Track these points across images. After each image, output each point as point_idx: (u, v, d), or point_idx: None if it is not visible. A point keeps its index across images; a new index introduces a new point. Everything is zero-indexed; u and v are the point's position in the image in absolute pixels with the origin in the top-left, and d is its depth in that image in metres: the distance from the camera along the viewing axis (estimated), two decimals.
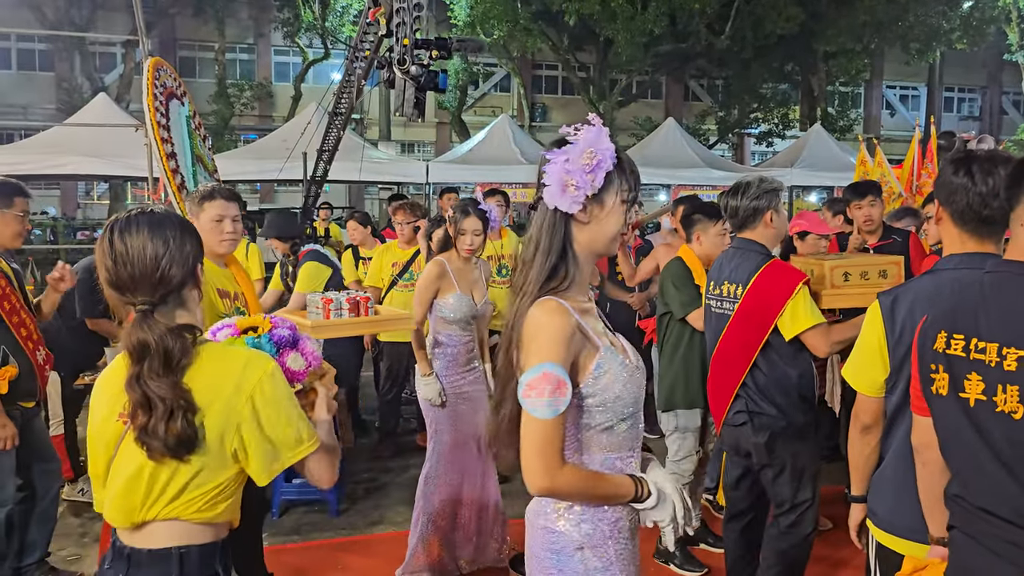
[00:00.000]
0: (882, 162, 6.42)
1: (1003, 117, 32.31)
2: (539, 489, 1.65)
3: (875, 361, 2.16)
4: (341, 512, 4.71)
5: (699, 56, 22.43)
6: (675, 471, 3.98)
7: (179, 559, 1.72)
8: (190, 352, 1.66)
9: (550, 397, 1.59)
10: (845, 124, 24.64)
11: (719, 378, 3.28)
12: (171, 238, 1.71)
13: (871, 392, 2.20)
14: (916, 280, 2.18)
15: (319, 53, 24.93)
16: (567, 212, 1.67)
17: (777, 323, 3.05)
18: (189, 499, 1.69)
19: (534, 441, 1.62)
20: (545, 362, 1.60)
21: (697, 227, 3.93)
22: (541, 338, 1.62)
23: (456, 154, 16.18)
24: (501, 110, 24.89)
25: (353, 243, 6.54)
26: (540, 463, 1.62)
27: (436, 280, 3.76)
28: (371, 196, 26.31)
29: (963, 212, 2.02)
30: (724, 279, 3.24)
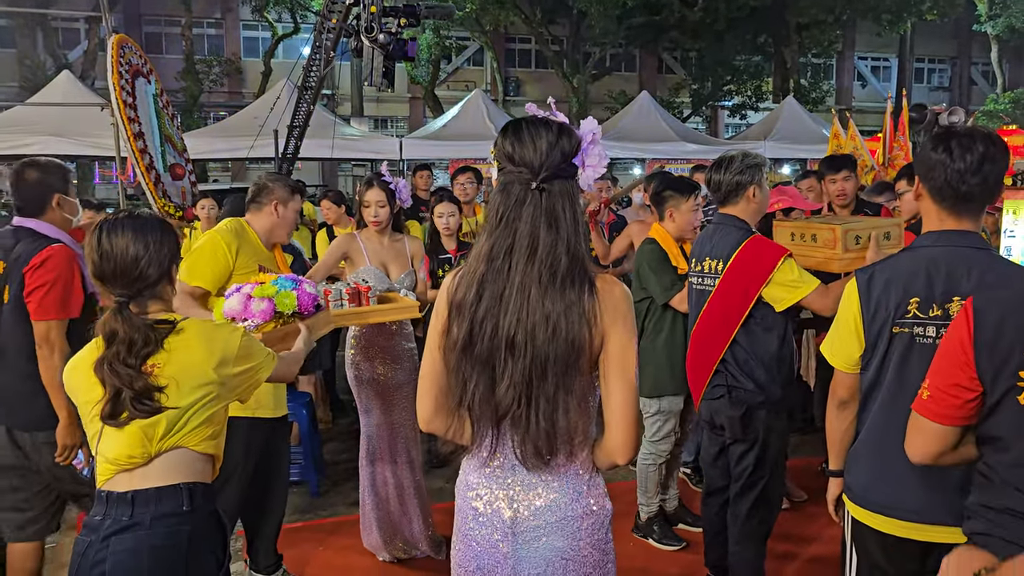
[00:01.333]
0: (855, 135, 6.45)
1: (972, 87, 32.56)
2: (631, 458, 1.70)
3: (851, 337, 2.17)
4: (322, 493, 4.71)
5: (672, 28, 22.34)
6: (652, 451, 4.01)
7: (188, 492, 1.98)
8: (156, 343, 1.95)
9: (637, 368, 1.67)
10: (818, 96, 24.70)
11: (699, 353, 3.29)
12: (151, 242, 1.99)
13: (847, 368, 2.22)
14: (893, 257, 2.19)
15: (289, 27, 24.48)
16: None
17: (765, 296, 3.06)
18: (201, 430, 2.01)
19: (637, 412, 1.68)
20: (636, 335, 1.67)
21: (669, 204, 3.90)
22: (632, 312, 1.69)
23: (429, 130, 16.02)
24: (474, 84, 24.66)
25: (327, 222, 6.47)
26: (638, 432, 1.69)
27: (338, 248, 3.85)
28: (344, 173, 26.05)
29: (941, 188, 2.02)
30: (706, 255, 3.25)
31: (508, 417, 1.68)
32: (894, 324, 2.08)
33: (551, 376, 1.63)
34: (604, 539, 1.76)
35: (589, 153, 1.69)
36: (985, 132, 2.03)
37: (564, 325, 1.62)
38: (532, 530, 1.72)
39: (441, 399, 1.77)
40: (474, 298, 1.69)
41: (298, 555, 3.96)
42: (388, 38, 6.33)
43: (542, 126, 1.68)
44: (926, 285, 2.04)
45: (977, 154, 1.96)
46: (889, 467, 2.10)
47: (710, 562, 3.56)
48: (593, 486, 1.75)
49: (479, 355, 1.68)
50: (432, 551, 3.93)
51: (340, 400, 6.36)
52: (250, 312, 2.72)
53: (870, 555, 2.19)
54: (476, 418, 1.72)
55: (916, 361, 2.05)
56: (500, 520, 1.75)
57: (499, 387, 1.67)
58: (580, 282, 1.64)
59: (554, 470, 1.71)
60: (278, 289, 2.76)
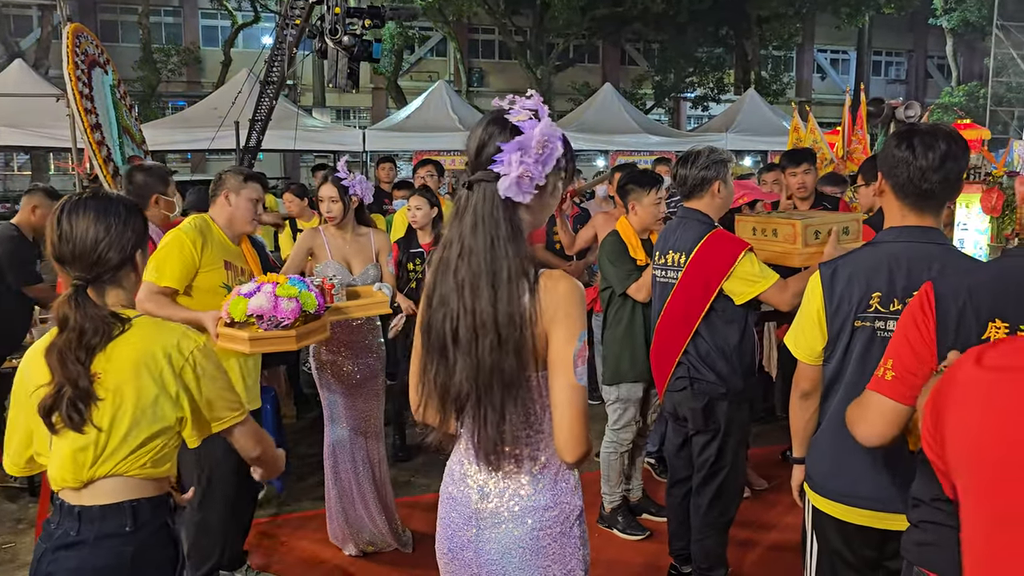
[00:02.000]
0: (814, 128, 6.54)
1: (928, 80, 33.20)
2: (581, 456, 1.66)
3: (814, 330, 2.21)
4: (286, 488, 4.68)
5: (635, 20, 22.41)
6: (614, 440, 4.05)
7: (131, 511, 1.86)
8: (105, 336, 1.82)
9: (584, 364, 1.64)
10: (778, 88, 25.00)
11: (663, 345, 3.33)
12: (113, 224, 1.87)
13: (810, 360, 2.26)
14: (856, 252, 2.23)
15: (249, 16, 24.15)
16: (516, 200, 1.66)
17: (726, 290, 3.10)
18: (136, 457, 1.85)
19: (583, 408, 1.64)
20: (583, 330, 1.64)
21: (631, 196, 3.95)
22: (579, 308, 1.65)
23: (393, 121, 15.93)
24: (438, 75, 24.55)
25: (290, 215, 6.42)
26: (584, 430, 1.64)
27: (304, 244, 3.83)
28: (307, 164, 25.79)
29: (904, 185, 2.06)
30: (669, 248, 3.29)
31: (467, 409, 1.69)
32: (856, 318, 2.12)
33: (495, 383, 1.63)
34: (567, 533, 1.75)
35: (511, 160, 1.61)
36: (947, 130, 2.08)
37: (503, 327, 1.61)
38: (494, 516, 1.74)
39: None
40: (430, 289, 1.73)
41: (263, 551, 3.94)
42: (353, 40, 6.27)
43: (485, 124, 1.67)
44: (888, 280, 2.08)
45: (939, 152, 2.00)
46: (848, 457, 2.15)
47: (674, 551, 3.62)
48: (560, 480, 1.75)
49: (434, 344, 1.71)
50: (398, 545, 3.93)
51: (304, 394, 6.32)
52: (281, 311, 2.76)
53: (829, 542, 2.23)
54: (441, 406, 1.74)
55: (877, 354, 2.08)
56: (468, 506, 1.77)
57: (452, 378, 1.69)
58: (516, 282, 1.62)
59: (522, 463, 1.73)
60: (299, 289, 2.82)
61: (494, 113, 1.69)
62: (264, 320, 2.78)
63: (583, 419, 1.64)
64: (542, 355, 1.65)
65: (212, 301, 3.06)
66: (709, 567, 3.38)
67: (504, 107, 1.69)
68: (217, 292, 3.15)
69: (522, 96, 1.69)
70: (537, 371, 1.67)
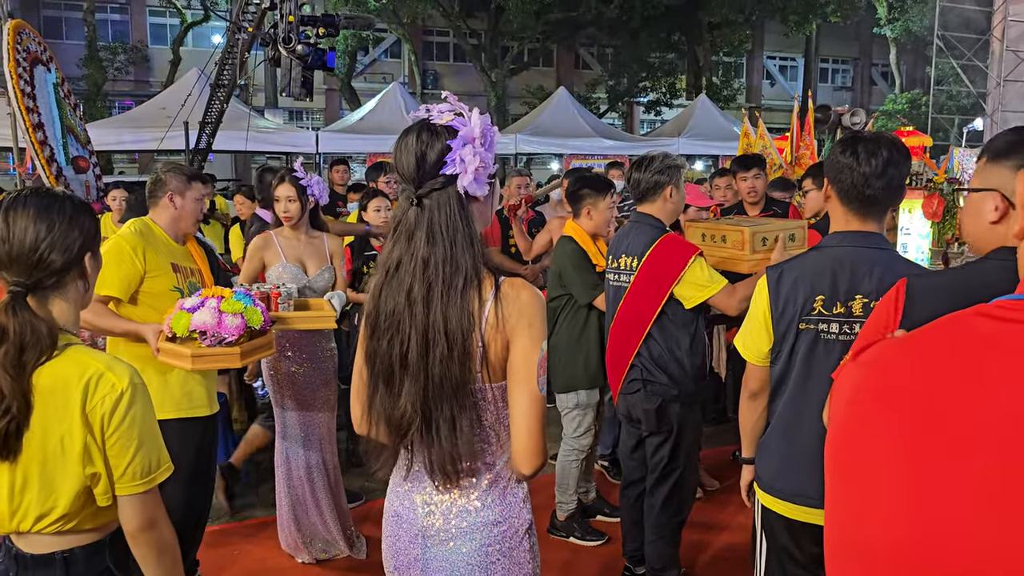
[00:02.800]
0: (764, 134, 6.67)
1: (873, 87, 34.03)
2: (538, 467, 1.64)
3: (761, 332, 2.26)
4: (236, 495, 4.61)
5: (589, 25, 22.60)
6: (575, 447, 4.05)
7: (63, 563, 1.68)
8: (46, 352, 1.61)
9: (545, 374, 1.63)
10: (729, 94, 25.40)
11: (616, 348, 3.36)
12: (57, 223, 1.67)
13: (757, 361, 2.31)
14: (802, 256, 2.28)
15: (198, 15, 23.75)
16: (473, 195, 1.64)
17: (676, 294, 3.14)
18: (51, 517, 1.63)
19: (542, 419, 1.63)
20: (545, 340, 1.62)
21: (586, 202, 3.92)
22: (541, 317, 1.63)
23: (347, 123, 15.83)
24: (392, 77, 24.46)
25: (241, 217, 6.33)
26: (543, 441, 1.63)
27: (258, 251, 3.75)
28: (258, 166, 25.45)
29: (848, 191, 2.12)
30: (622, 252, 3.32)
31: (413, 432, 1.66)
32: (800, 320, 2.17)
33: (447, 397, 1.60)
34: (517, 547, 1.73)
35: (463, 156, 1.59)
36: (890, 138, 2.15)
37: (458, 339, 1.58)
38: (441, 534, 1.71)
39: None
40: (373, 310, 1.68)
41: (215, 559, 3.87)
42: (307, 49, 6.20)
43: (416, 136, 1.62)
44: (831, 284, 2.14)
45: (882, 159, 2.07)
46: (795, 456, 2.20)
47: (628, 551, 3.65)
48: (509, 493, 1.72)
49: (380, 371, 1.67)
50: (352, 551, 3.89)
51: (255, 399, 6.22)
52: (225, 327, 2.67)
53: (778, 540, 2.28)
54: (387, 433, 1.70)
55: (821, 356, 2.15)
56: (414, 523, 1.74)
57: (397, 404, 1.65)
58: (475, 289, 1.60)
59: (471, 477, 1.70)
60: (245, 304, 2.73)
61: (418, 124, 1.65)
62: (208, 336, 2.69)
63: (542, 430, 1.63)
64: (500, 365, 1.63)
65: (164, 306, 2.97)
66: (662, 567, 3.41)
67: (422, 116, 1.66)
68: (168, 296, 3.06)
69: (436, 103, 1.68)
70: (492, 382, 1.64)
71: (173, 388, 3.09)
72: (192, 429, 3.17)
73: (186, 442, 3.13)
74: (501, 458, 1.70)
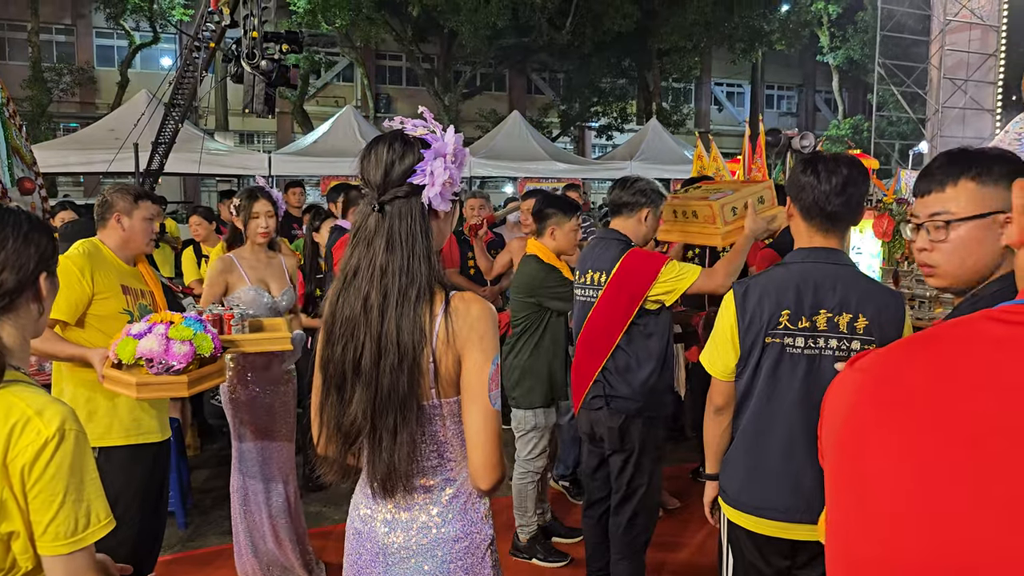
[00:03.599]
0: (717, 156, 6.79)
1: (816, 114, 34.96)
2: (495, 482, 1.62)
3: (727, 346, 2.29)
4: (189, 524, 4.49)
5: (541, 50, 22.85)
6: (530, 469, 4.03)
7: None
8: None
9: (498, 388, 1.61)
10: (679, 119, 25.86)
11: (582, 362, 3.37)
12: (10, 239, 1.55)
13: (723, 376, 2.33)
14: (767, 272, 2.33)
15: (147, 37, 23.42)
16: (436, 209, 1.64)
17: (653, 296, 3.15)
18: None
19: (496, 434, 1.61)
20: (496, 354, 1.61)
21: (551, 221, 3.92)
22: (492, 331, 1.62)
23: (299, 145, 15.72)
24: (345, 100, 24.38)
25: (196, 239, 6.22)
26: (499, 455, 1.61)
27: (221, 275, 3.63)
28: (208, 189, 25.08)
29: (809, 208, 2.18)
30: (588, 268, 3.34)
31: (361, 441, 1.64)
32: (767, 335, 2.20)
33: (393, 408, 1.59)
34: (479, 564, 1.71)
35: (433, 169, 1.61)
36: (848, 158, 2.22)
37: (409, 351, 1.58)
38: (402, 551, 1.69)
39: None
40: (329, 316, 1.67)
41: None
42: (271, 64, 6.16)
43: (388, 144, 1.63)
44: (796, 298, 2.18)
45: (841, 177, 2.13)
46: (760, 470, 2.22)
47: (592, 571, 3.63)
48: (470, 509, 1.70)
49: (333, 378, 1.66)
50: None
51: (209, 425, 6.08)
52: (172, 355, 2.57)
53: (744, 554, 2.30)
54: (336, 441, 1.68)
55: (786, 370, 2.19)
56: (375, 541, 1.72)
57: (347, 412, 1.63)
58: (427, 303, 1.60)
59: (431, 493, 1.68)
60: (194, 331, 2.63)
61: (392, 133, 1.67)
62: (154, 364, 2.58)
63: (498, 444, 1.62)
64: (453, 380, 1.62)
65: (113, 329, 2.89)
66: None
67: (396, 127, 1.68)
68: (117, 319, 2.98)
69: (412, 118, 1.69)
70: (445, 397, 1.63)
71: (122, 414, 2.99)
72: (142, 456, 3.07)
73: (136, 470, 3.05)
74: (461, 474, 1.69)
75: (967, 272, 1.66)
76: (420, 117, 1.69)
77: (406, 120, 1.68)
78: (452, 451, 1.67)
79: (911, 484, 0.74)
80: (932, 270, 1.70)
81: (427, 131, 1.66)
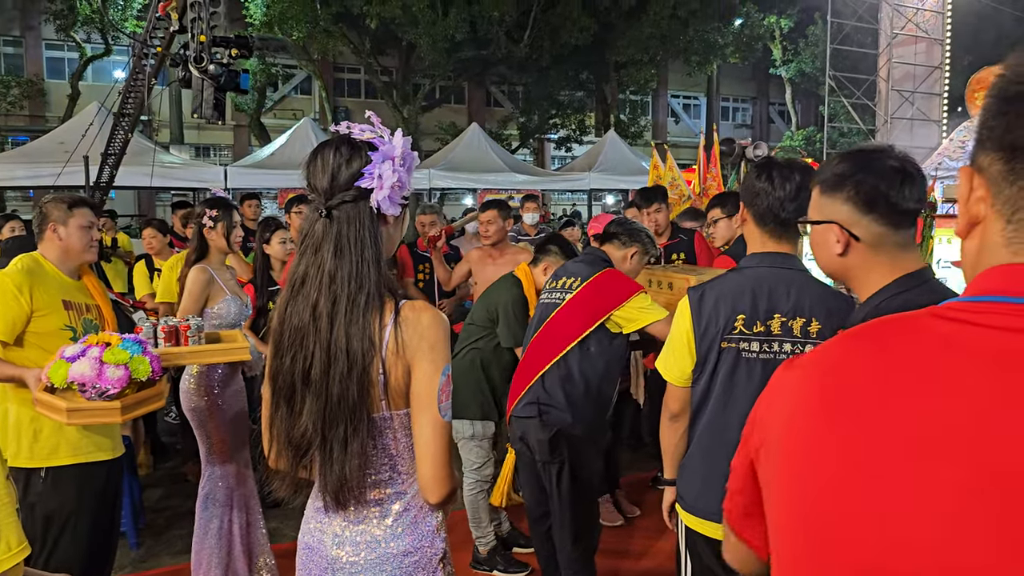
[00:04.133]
0: (672, 167, 6.87)
1: (771, 125, 35.56)
2: (446, 496, 1.60)
3: (684, 352, 2.30)
4: (141, 544, 4.38)
5: (500, 63, 22.90)
6: (478, 478, 4.01)
7: None
8: None
9: (449, 399, 1.59)
10: (636, 131, 26.10)
11: (526, 365, 3.35)
12: None
13: (679, 382, 2.33)
14: (722, 276, 2.34)
15: (99, 49, 22.96)
16: (384, 214, 1.62)
17: (616, 318, 3.15)
18: None
19: (446, 446, 1.59)
20: (447, 364, 1.58)
21: (549, 259, 3.93)
22: (443, 340, 1.60)
23: (256, 158, 15.54)
24: (303, 113, 24.17)
25: (149, 252, 6.10)
26: (449, 467, 1.59)
27: (206, 287, 3.59)
28: (163, 203, 24.64)
29: (763, 214, 2.20)
30: (563, 275, 3.36)
31: (312, 453, 1.61)
32: (722, 339, 2.22)
33: (343, 418, 1.56)
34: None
35: (381, 172, 1.58)
36: (802, 164, 2.25)
37: (358, 360, 1.55)
38: (350, 566, 1.65)
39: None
40: (278, 327, 1.64)
41: None
42: (219, 69, 6.08)
43: (334, 148, 1.62)
44: (751, 303, 2.19)
45: (795, 183, 2.15)
46: (716, 475, 2.22)
47: None
48: (422, 523, 1.67)
49: (282, 390, 1.63)
50: None
51: (162, 443, 5.97)
52: (105, 379, 2.48)
53: (702, 559, 2.30)
54: (287, 454, 1.65)
55: (742, 374, 2.20)
56: (324, 555, 1.69)
57: (297, 423, 1.60)
58: (377, 311, 1.57)
59: (381, 506, 1.65)
60: (131, 354, 2.54)
61: (338, 137, 1.65)
62: (87, 389, 2.49)
63: (447, 456, 1.60)
64: (403, 391, 1.59)
65: (55, 346, 2.78)
66: None
67: (343, 131, 1.66)
68: (59, 336, 2.88)
69: (356, 123, 1.67)
70: (395, 408, 1.61)
71: (69, 431, 2.90)
72: (93, 475, 2.98)
73: (86, 489, 2.96)
74: (412, 487, 1.66)
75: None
76: (368, 122, 1.67)
77: (352, 125, 1.65)
78: (404, 464, 1.65)
79: (867, 489, 0.71)
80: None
81: (374, 135, 1.64)
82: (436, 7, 18.62)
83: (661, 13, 21.19)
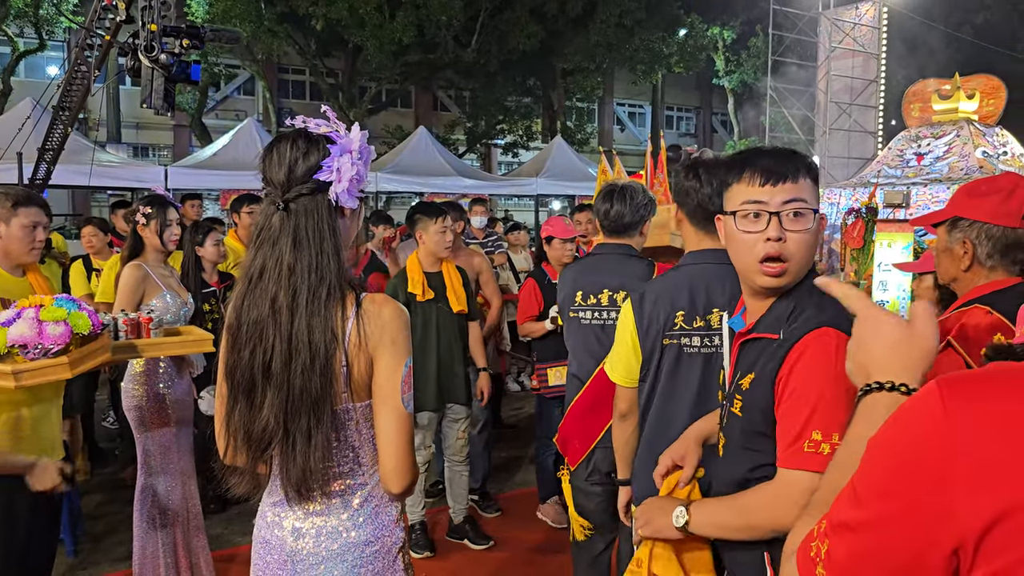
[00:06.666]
0: (621, 171, 6.93)
1: (714, 134, 36.24)
2: (407, 486, 1.62)
3: (629, 353, 2.33)
4: (78, 552, 4.25)
5: (447, 67, 22.90)
6: None
7: None
8: None
9: (410, 391, 1.60)
10: (582, 137, 26.33)
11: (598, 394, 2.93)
12: None
13: (625, 382, 2.38)
14: (661, 277, 2.40)
15: (32, 43, 22.26)
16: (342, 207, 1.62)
17: None
18: None
19: (408, 437, 1.60)
20: (409, 356, 1.60)
21: (418, 226, 4.13)
22: (404, 333, 1.61)
23: (198, 158, 15.22)
24: (245, 114, 23.79)
25: (89, 252, 5.92)
26: (411, 458, 1.61)
27: (140, 284, 3.52)
28: (99, 203, 23.97)
29: (694, 211, 2.26)
30: (603, 287, 3.10)
31: (274, 447, 1.61)
32: (664, 336, 2.26)
33: (306, 410, 1.56)
34: (390, 568, 1.70)
35: (340, 165, 1.59)
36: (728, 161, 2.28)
37: (321, 351, 1.55)
38: (311, 557, 1.65)
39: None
40: (235, 321, 1.63)
41: None
42: (170, 59, 5.93)
43: (291, 142, 1.62)
44: (690, 299, 2.25)
45: (721, 178, 2.19)
46: None
47: None
48: (382, 513, 1.68)
49: (240, 384, 1.62)
50: None
51: (100, 448, 5.80)
52: (48, 337, 2.41)
53: None
54: (247, 449, 1.63)
55: (684, 369, 2.25)
56: (282, 549, 1.68)
57: (258, 417, 1.59)
58: (338, 304, 1.58)
59: (342, 497, 1.65)
60: (68, 310, 2.48)
61: (295, 131, 1.64)
62: (28, 349, 2.42)
63: (410, 447, 1.61)
64: (365, 383, 1.60)
65: None
66: None
67: (299, 126, 1.65)
68: None
69: (314, 117, 1.66)
70: (358, 400, 1.61)
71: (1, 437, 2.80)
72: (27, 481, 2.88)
73: (22, 494, 2.85)
74: (372, 478, 1.67)
75: (805, 268, 1.56)
76: (323, 117, 1.67)
77: (308, 119, 1.65)
78: (365, 455, 1.65)
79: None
80: (783, 266, 1.53)
81: (330, 129, 1.63)
82: (383, 10, 18.54)
83: (608, 21, 21.47)
